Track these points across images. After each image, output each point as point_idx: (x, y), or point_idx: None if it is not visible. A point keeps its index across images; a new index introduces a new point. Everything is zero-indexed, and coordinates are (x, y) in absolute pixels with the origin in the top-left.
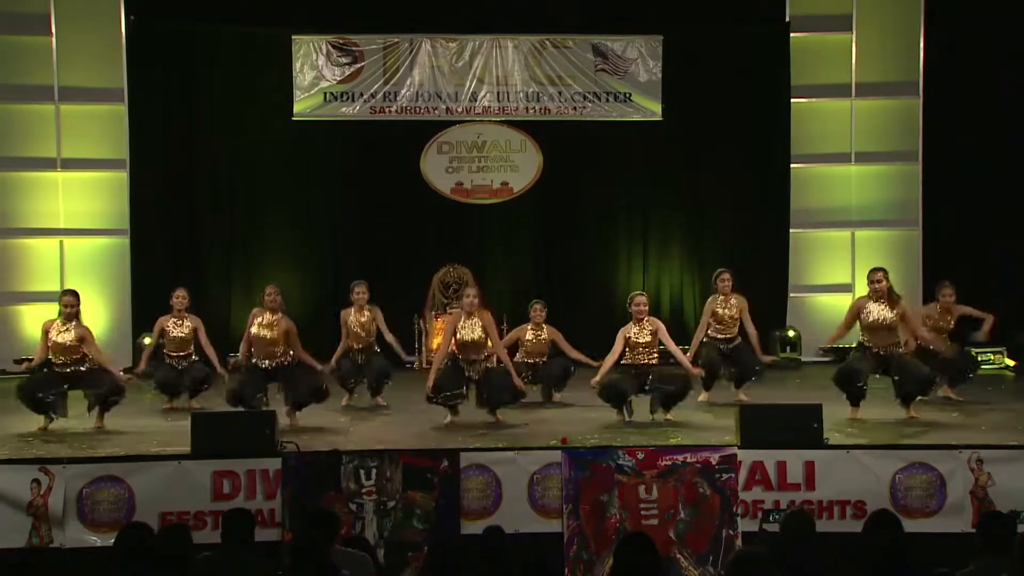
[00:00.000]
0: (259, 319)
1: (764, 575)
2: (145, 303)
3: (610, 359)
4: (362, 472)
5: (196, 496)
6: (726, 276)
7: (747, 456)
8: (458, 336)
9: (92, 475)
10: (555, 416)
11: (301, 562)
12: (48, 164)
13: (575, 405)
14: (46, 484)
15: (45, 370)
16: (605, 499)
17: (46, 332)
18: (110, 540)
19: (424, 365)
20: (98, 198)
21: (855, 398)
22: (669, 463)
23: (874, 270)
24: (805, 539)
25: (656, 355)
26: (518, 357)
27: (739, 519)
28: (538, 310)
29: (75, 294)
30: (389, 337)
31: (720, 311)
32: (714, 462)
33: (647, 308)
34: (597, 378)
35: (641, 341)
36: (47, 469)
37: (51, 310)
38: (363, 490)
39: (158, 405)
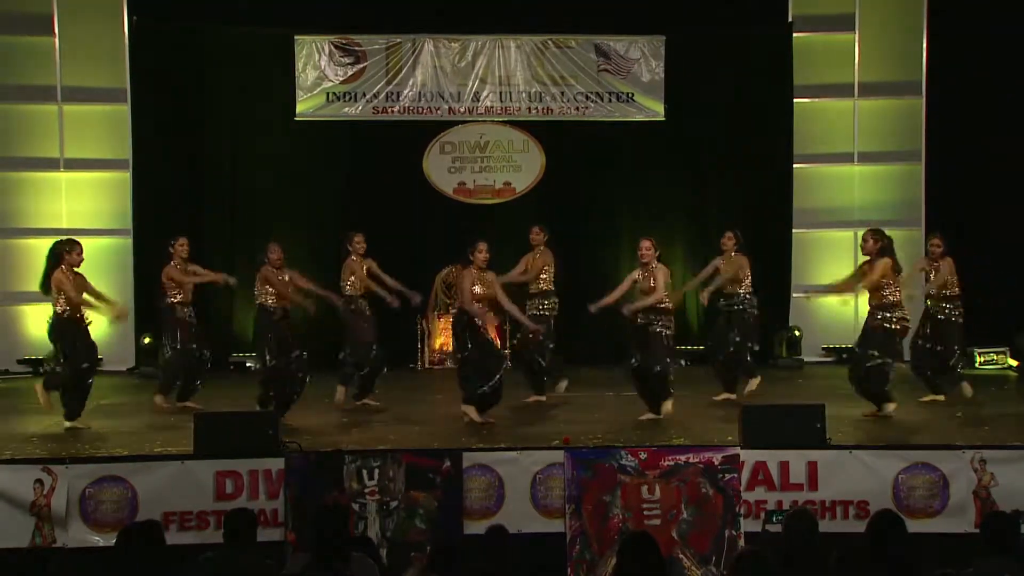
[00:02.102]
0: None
1: (766, 575)
2: (148, 303)
3: (611, 297)
4: (365, 472)
5: (199, 496)
6: (727, 235)
7: (750, 456)
8: (476, 291)
9: (95, 475)
10: (558, 416)
11: (322, 557)
12: (51, 164)
13: (577, 405)
14: (49, 484)
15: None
16: (608, 499)
17: (67, 282)
18: (113, 540)
19: (427, 365)
20: (101, 198)
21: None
22: (672, 463)
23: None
24: (808, 539)
25: (663, 305)
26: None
27: (742, 519)
28: (536, 232)
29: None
30: (392, 282)
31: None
32: (717, 462)
33: (650, 252)
34: (593, 308)
35: (645, 287)
36: (50, 469)
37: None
38: (366, 490)
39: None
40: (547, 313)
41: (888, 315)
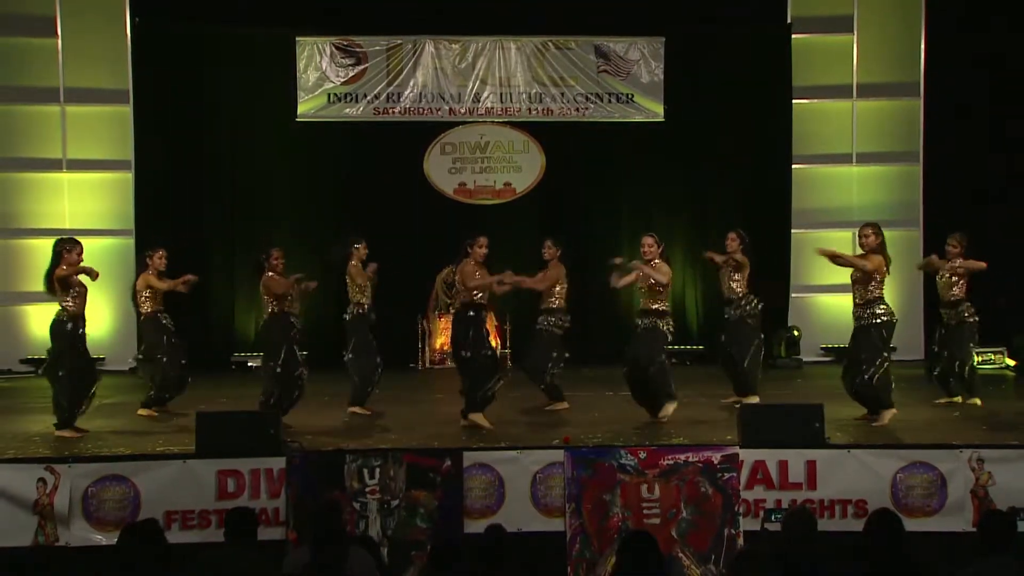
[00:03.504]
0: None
1: (765, 574)
2: None
3: (622, 280)
4: (366, 471)
5: (201, 495)
6: (730, 236)
7: (749, 455)
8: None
9: (97, 474)
10: (557, 415)
11: (321, 553)
12: (54, 165)
13: (577, 405)
14: (52, 483)
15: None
16: (607, 498)
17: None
18: (115, 538)
19: (427, 365)
20: (103, 199)
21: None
22: (671, 462)
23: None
24: (807, 538)
25: (657, 301)
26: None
27: (741, 518)
28: (547, 246)
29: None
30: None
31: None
32: (716, 461)
33: (651, 250)
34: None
35: (642, 284)
36: (53, 468)
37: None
38: (367, 489)
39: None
40: (557, 331)
41: (874, 311)
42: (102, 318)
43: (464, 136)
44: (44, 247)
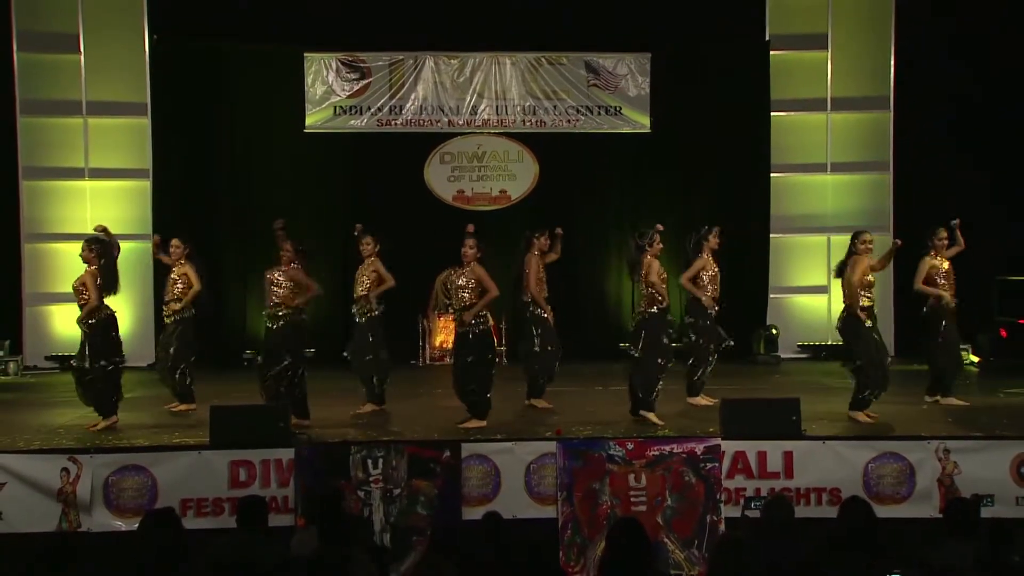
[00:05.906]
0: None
1: (746, 558)
2: None
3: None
4: (370, 462)
5: (214, 484)
6: (716, 231)
7: (730, 446)
8: (449, 284)
9: (117, 464)
10: (550, 409)
11: (328, 540)
12: (76, 174)
13: (568, 398)
14: (75, 472)
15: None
16: (597, 487)
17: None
18: (134, 525)
19: (427, 362)
20: (123, 205)
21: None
22: (657, 453)
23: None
24: (784, 524)
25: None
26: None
27: (722, 506)
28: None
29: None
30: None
31: (712, 272)
32: (699, 452)
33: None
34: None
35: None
36: (76, 458)
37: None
38: (370, 478)
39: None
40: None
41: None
42: (123, 317)
43: (462, 146)
44: (67, 251)
